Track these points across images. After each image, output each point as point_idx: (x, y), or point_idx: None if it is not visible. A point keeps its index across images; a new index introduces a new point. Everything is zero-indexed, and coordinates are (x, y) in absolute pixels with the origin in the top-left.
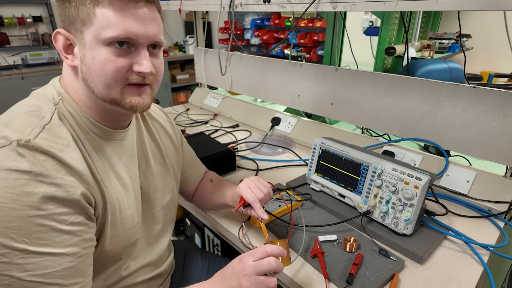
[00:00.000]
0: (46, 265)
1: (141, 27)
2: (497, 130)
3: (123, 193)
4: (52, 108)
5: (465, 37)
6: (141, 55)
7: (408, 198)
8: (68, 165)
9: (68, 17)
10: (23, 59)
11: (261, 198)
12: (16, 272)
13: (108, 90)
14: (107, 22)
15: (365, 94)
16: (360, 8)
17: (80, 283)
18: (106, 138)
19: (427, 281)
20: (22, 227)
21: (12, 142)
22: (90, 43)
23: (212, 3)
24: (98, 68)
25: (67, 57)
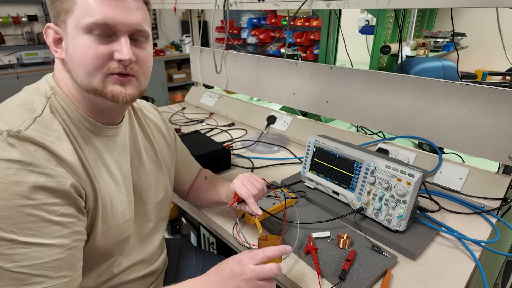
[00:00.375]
0: (35, 256)
1: (121, 14)
2: (489, 127)
3: (114, 189)
4: (44, 102)
5: (460, 36)
6: (121, 42)
7: (400, 194)
8: (59, 156)
9: (55, 10)
10: (18, 58)
11: (255, 193)
12: (3, 263)
13: (89, 79)
14: (87, 8)
15: (360, 92)
16: (353, 5)
17: (68, 276)
18: (97, 133)
19: (419, 277)
20: (11, 216)
21: (3, 133)
22: (72, 32)
23: (207, 1)
24: (79, 56)
25: (56, 50)
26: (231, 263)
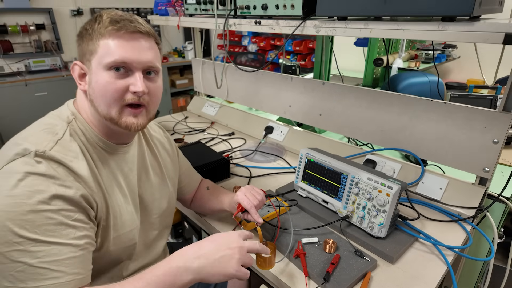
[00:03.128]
0: (54, 253)
1: (136, 54)
2: (465, 142)
3: (123, 201)
4: (65, 126)
5: (451, 48)
6: (136, 77)
7: (381, 204)
8: (75, 172)
9: (82, 50)
10: (26, 66)
11: (256, 204)
12: (28, 259)
13: (108, 109)
14: (108, 50)
15: (350, 107)
16: (339, 33)
17: (81, 274)
18: (110, 152)
19: (396, 279)
20: (35, 219)
21: (31, 152)
22: (95, 69)
23: (208, 21)
24: (101, 89)
25: (80, 83)
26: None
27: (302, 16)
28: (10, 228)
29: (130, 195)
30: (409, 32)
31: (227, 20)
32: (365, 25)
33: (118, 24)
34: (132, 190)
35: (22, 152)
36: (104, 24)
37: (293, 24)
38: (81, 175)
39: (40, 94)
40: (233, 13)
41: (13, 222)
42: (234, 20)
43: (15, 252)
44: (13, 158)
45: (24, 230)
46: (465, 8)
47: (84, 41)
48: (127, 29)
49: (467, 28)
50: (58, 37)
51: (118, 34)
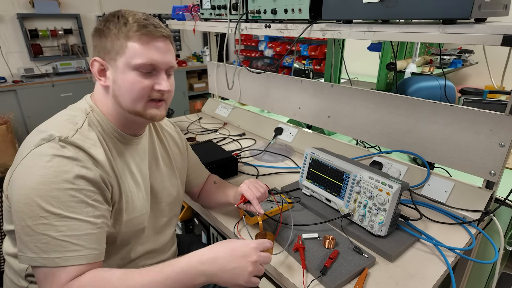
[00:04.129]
0: (75, 228)
1: (160, 56)
2: (471, 145)
3: (134, 187)
4: (84, 117)
5: (467, 53)
6: (161, 77)
7: (381, 203)
8: (94, 157)
9: (104, 48)
10: (54, 68)
11: (258, 196)
12: (52, 232)
13: (134, 105)
14: (136, 53)
15: (358, 109)
16: (344, 36)
17: (98, 250)
18: (124, 142)
19: (393, 276)
20: (60, 196)
21: (56, 138)
22: (122, 68)
23: (222, 25)
24: (128, 87)
25: (100, 79)
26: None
27: (309, 19)
28: (38, 203)
29: (142, 182)
30: (411, 34)
31: (239, 24)
32: (369, 28)
33: (146, 29)
34: (143, 178)
35: (48, 138)
36: (132, 28)
37: (301, 27)
38: (99, 160)
39: (65, 94)
40: (245, 17)
41: (41, 198)
42: (246, 24)
43: (41, 225)
44: (40, 143)
45: (50, 205)
46: (464, 11)
47: (108, 40)
48: (153, 34)
49: (466, 30)
50: (84, 41)
51: (146, 38)
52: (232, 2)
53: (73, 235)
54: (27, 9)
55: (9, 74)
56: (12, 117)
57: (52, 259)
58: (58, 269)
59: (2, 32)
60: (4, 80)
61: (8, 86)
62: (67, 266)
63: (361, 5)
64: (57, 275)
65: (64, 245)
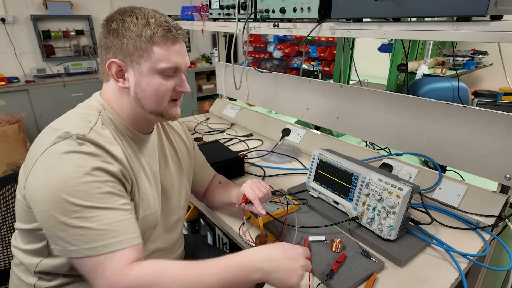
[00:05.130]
0: (108, 216)
1: (181, 59)
2: (486, 148)
3: (147, 185)
4: (96, 115)
5: (481, 54)
6: (182, 79)
7: (391, 206)
8: (112, 154)
9: (124, 50)
10: (66, 68)
11: (260, 196)
12: (87, 223)
13: (158, 106)
14: (161, 57)
15: (367, 110)
16: (354, 34)
17: (135, 233)
18: (135, 140)
19: (402, 282)
20: (86, 189)
21: (73, 136)
22: (147, 72)
23: (230, 25)
24: (153, 90)
25: (118, 80)
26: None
27: (318, 18)
28: (66, 199)
29: (153, 180)
30: (423, 32)
31: (247, 23)
32: (379, 26)
33: (170, 34)
34: (154, 176)
35: (64, 135)
36: (157, 32)
37: (310, 26)
38: (117, 156)
39: (76, 94)
40: (253, 17)
41: (68, 194)
42: (254, 24)
43: (74, 219)
44: (56, 141)
45: (79, 199)
46: (479, 8)
47: (130, 41)
48: (177, 38)
49: (482, 28)
50: (95, 42)
51: (170, 42)
52: (240, 2)
53: (108, 223)
54: (40, 11)
55: (22, 74)
56: (24, 116)
57: (94, 248)
58: (105, 257)
59: (16, 33)
60: (17, 80)
61: (21, 86)
62: (113, 252)
63: (371, 2)
64: (106, 264)
65: (102, 234)
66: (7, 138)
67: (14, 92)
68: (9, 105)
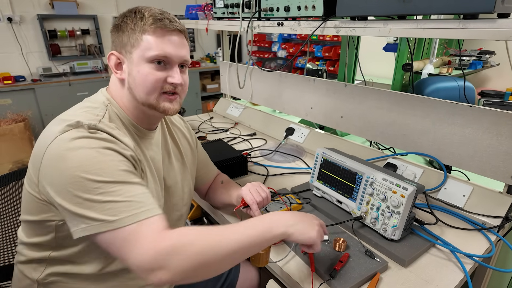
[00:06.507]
0: (130, 190)
1: (174, 50)
2: (492, 148)
3: (152, 181)
4: (104, 109)
5: (488, 54)
6: (174, 70)
7: (395, 206)
8: (124, 142)
9: (121, 42)
10: (71, 67)
11: (259, 201)
12: (113, 197)
13: (147, 96)
14: (150, 45)
15: (371, 109)
16: (359, 32)
17: (158, 204)
18: (140, 135)
19: (406, 282)
20: (105, 167)
21: (84, 125)
22: (137, 60)
23: (234, 24)
24: (142, 79)
25: (117, 72)
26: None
27: (323, 16)
28: (86, 177)
29: (157, 176)
30: (429, 30)
31: (252, 22)
32: (384, 24)
33: (160, 22)
34: (158, 172)
35: (76, 124)
36: (147, 21)
37: (314, 24)
38: (128, 144)
39: (81, 94)
40: (258, 15)
41: (88, 173)
42: (258, 22)
43: (99, 195)
44: (66, 129)
45: (100, 176)
46: (486, 5)
47: (125, 34)
48: (168, 27)
49: (489, 26)
50: (101, 42)
51: (160, 31)
52: (245, 0)
53: (133, 195)
54: (47, 10)
55: (29, 73)
56: (30, 115)
57: (124, 219)
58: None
59: (23, 33)
60: (24, 79)
61: (27, 85)
62: (142, 221)
63: (376, 0)
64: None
65: (129, 205)
66: (13, 137)
67: (21, 91)
68: (15, 103)
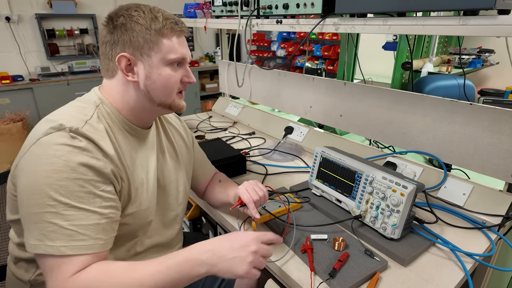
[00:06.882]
0: (82, 218)
1: (187, 51)
2: (492, 146)
3: (143, 179)
4: (93, 109)
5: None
6: (188, 70)
7: (395, 204)
8: (103, 149)
9: (133, 43)
10: (70, 67)
11: (256, 200)
12: (59, 221)
13: (168, 98)
14: (171, 49)
15: (371, 108)
16: (358, 30)
17: (103, 240)
18: (133, 134)
19: (406, 281)
20: (68, 186)
21: (66, 128)
22: (157, 64)
23: (233, 22)
24: (164, 82)
25: (127, 74)
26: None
27: (321, 14)
28: (47, 192)
29: (150, 175)
30: (429, 27)
31: (250, 20)
32: (384, 21)
33: (177, 27)
34: (151, 171)
35: (58, 127)
36: (165, 25)
37: (313, 22)
38: (107, 152)
39: (80, 93)
40: (256, 13)
41: (50, 187)
42: (257, 20)
43: (48, 213)
44: (49, 132)
45: (59, 194)
46: (487, 1)
47: (139, 34)
48: (183, 31)
49: (489, 22)
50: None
51: (178, 35)
52: None
53: (80, 225)
54: (45, 9)
55: (27, 73)
56: (28, 114)
57: (57, 247)
58: (63, 260)
59: (21, 32)
60: (22, 78)
61: (25, 84)
62: (73, 256)
63: None
64: (63, 267)
65: (70, 234)
66: (11, 136)
67: (19, 91)
68: (13, 103)
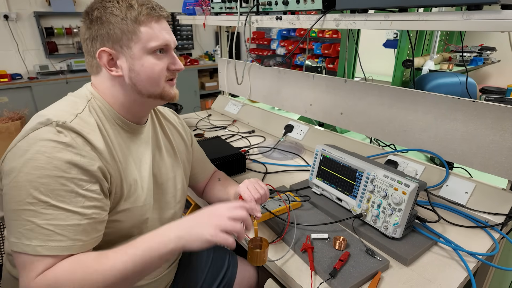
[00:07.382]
0: (61, 218)
1: (169, 36)
2: (495, 144)
3: (137, 176)
4: (85, 103)
5: (489, 50)
6: (174, 57)
7: (396, 203)
8: (92, 143)
9: (111, 36)
10: (68, 65)
11: (257, 198)
12: (37, 220)
13: (155, 88)
14: (151, 36)
15: (372, 105)
16: (359, 26)
17: (82, 241)
18: (127, 130)
19: (408, 281)
20: (49, 183)
21: (53, 122)
22: (138, 54)
23: (232, 19)
24: (148, 72)
25: (111, 69)
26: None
27: (322, 10)
28: (27, 189)
29: (145, 172)
30: (432, 22)
31: (249, 16)
32: (385, 17)
33: (155, 12)
34: (147, 168)
35: (45, 122)
36: (142, 12)
37: (313, 18)
38: (96, 146)
39: None
40: (256, 9)
41: (31, 184)
42: (257, 17)
43: (27, 211)
44: (36, 127)
45: (39, 192)
46: None
47: (115, 26)
48: (161, 15)
49: (493, 16)
50: None
51: (157, 20)
52: None
53: (58, 225)
54: (43, 7)
55: (25, 71)
56: (27, 113)
57: (33, 246)
58: (37, 258)
59: (20, 30)
60: (20, 76)
61: (24, 83)
62: (47, 256)
63: None
64: (35, 265)
65: (48, 234)
66: (9, 135)
67: (17, 89)
68: (12, 101)
